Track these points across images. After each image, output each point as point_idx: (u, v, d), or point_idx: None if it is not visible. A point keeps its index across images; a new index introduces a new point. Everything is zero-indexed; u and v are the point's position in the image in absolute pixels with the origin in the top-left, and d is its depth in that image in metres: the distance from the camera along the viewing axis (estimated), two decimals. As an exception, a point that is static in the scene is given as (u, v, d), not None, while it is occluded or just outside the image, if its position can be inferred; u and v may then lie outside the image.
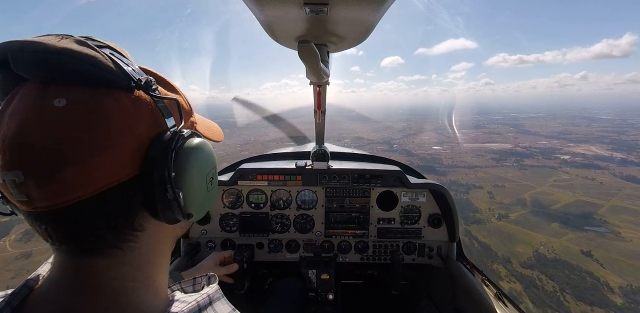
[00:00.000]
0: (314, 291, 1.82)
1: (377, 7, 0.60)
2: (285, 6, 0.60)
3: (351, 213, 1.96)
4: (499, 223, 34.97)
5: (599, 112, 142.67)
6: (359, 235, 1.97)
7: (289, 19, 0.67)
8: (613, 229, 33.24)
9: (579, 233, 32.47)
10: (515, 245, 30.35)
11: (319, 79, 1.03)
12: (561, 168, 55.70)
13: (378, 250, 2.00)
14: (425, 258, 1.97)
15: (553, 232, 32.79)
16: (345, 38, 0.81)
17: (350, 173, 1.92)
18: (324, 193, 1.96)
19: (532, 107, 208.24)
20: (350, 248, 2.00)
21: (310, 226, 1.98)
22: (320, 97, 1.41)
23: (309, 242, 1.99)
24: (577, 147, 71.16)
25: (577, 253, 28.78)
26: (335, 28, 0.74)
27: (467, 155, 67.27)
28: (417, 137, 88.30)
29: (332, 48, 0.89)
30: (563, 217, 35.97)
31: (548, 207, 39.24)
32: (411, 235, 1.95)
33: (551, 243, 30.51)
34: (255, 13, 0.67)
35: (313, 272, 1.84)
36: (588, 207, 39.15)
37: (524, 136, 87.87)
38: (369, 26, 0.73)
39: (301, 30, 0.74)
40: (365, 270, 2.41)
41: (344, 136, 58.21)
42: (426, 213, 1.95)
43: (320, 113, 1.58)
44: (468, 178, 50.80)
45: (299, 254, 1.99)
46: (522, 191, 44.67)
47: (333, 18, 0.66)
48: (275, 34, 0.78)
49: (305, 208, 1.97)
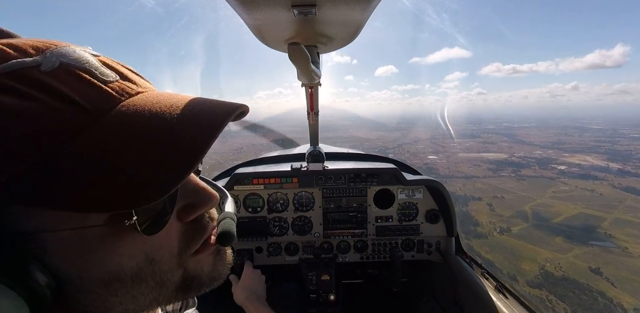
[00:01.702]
0: (315, 293, 1.82)
1: (365, 6, 0.60)
2: (273, 9, 0.60)
3: (349, 213, 1.96)
4: (501, 237, 33.45)
5: (590, 122, 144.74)
6: (357, 235, 1.96)
7: (277, 22, 0.67)
8: (619, 244, 31.97)
9: (584, 249, 31.07)
10: (520, 262, 28.73)
11: (310, 80, 1.03)
12: (559, 178, 54.98)
13: (377, 249, 2.00)
14: (424, 254, 1.98)
15: (558, 247, 31.33)
16: (335, 38, 0.82)
17: (346, 173, 1.91)
18: (321, 194, 1.95)
19: (523, 116, 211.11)
20: (350, 248, 2.00)
21: (308, 228, 1.97)
22: (313, 99, 1.40)
23: (307, 243, 2.00)
24: (573, 157, 71.04)
25: (585, 270, 27.28)
26: (324, 29, 0.74)
27: (464, 165, 66.50)
28: (412, 146, 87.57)
29: (322, 49, 0.89)
30: (566, 231, 34.63)
31: (550, 220, 37.93)
32: (409, 232, 1.95)
33: (557, 259, 28.99)
34: (243, 17, 0.66)
35: (313, 273, 1.84)
36: (591, 219, 37.95)
37: (518, 146, 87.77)
38: (357, 26, 0.73)
39: (290, 32, 0.75)
40: (365, 269, 2.32)
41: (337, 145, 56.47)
42: (423, 209, 1.95)
43: (313, 114, 1.59)
44: (466, 189, 49.58)
45: (299, 256, 1.99)
46: (522, 203, 43.46)
47: (321, 19, 0.65)
48: (265, 37, 0.78)
49: (303, 210, 1.96)
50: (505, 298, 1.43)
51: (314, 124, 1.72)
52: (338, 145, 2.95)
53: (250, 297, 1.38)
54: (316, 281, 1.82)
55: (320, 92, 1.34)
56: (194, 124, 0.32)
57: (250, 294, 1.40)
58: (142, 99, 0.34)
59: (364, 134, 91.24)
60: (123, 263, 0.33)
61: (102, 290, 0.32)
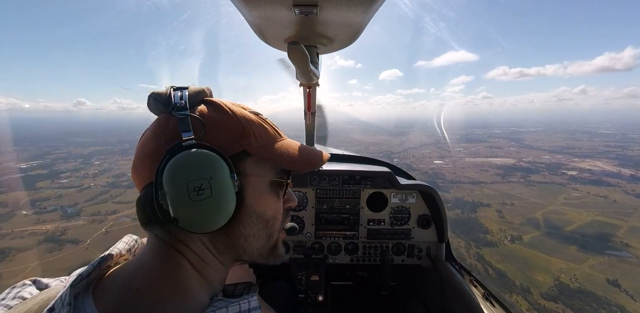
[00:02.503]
0: (303, 293, 1.82)
1: (366, 8, 0.61)
2: (274, 7, 0.60)
3: (341, 214, 1.96)
4: (513, 246, 32.20)
5: (599, 126, 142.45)
6: (349, 237, 1.96)
7: (278, 20, 0.68)
8: (637, 254, 30.57)
9: (600, 259, 29.71)
10: (533, 272, 27.44)
11: (308, 80, 1.04)
12: (570, 184, 53.44)
13: (368, 252, 1.99)
14: (414, 259, 1.98)
15: (572, 256, 30.01)
16: (335, 39, 0.82)
17: (341, 174, 1.91)
18: (314, 194, 1.95)
19: (530, 121, 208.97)
20: (340, 249, 2.00)
21: (300, 227, 1.94)
22: (310, 99, 1.40)
23: (299, 243, 1.98)
24: (583, 162, 69.37)
25: (602, 282, 25.95)
26: (324, 29, 0.74)
27: (470, 170, 65.21)
28: (418, 151, 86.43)
29: (322, 49, 0.90)
30: (580, 240, 33.26)
31: (562, 228, 36.54)
32: (401, 236, 1.95)
33: (572, 270, 27.68)
34: (244, 14, 0.67)
35: (303, 273, 1.84)
36: (605, 228, 36.53)
37: (526, 150, 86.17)
38: (358, 28, 0.74)
39: (291, 31, 0.75)
40: (355, 272, 2.34)
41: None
42: (415, 214, 1.95)
43: (310, 114, 1.58)
44: (474, 195, 48.32)
45: (289, 256, 1.98)
46: (533, 210, 42.10)
47: (322, 19, 0.66)
48: (265, 36, 0.79)
49: (296, 210, 1.95)
50: (493, 306, 1.42)
51: (310, 124, 1.70)
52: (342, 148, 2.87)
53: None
54: (305, 281, 1.83)
55: (319, 93, 1.34)
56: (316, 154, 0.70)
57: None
58: (287, 140, 0.67)
59: (367, 138, 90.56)
60: (268, 210, 0.62)
61: (254, 220, 0.60)
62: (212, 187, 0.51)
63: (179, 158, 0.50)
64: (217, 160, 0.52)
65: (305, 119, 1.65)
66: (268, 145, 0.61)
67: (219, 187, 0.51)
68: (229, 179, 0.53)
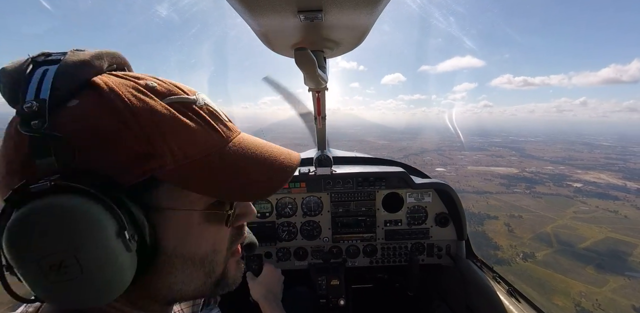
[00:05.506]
0: (324, 297, 1.83)
1: (371, 9, 0.60)
2: (279, 15, 0.60)
3: (357, 217, 1.94)
4: (526, 264, 30.06)
5: (597, 138, 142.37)
6: (366, 239, 1.95)
7: (284, 28, 0.68)
8: (659, 276, 28.53)
9: (621, 281, 27.63)
10: (552, 296, 25.25)
11: (317, 85, 1.04)
12: (577, 197, 51.79)
13: (387, 253, 1.98)
14: (434, 258, 1.97)
15: (591, 278, 27.89)
16: (341, 43, 0.82)
17: (354, 177, 1.91)
18: (329, 198, 1.94)
19: (529, 130, 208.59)
20: (359, 252, 1.98)
21: (317, 232, 1.94)
22: (320, 103, 1.41)
23: (316, 248, 1.97)
24: (586, 174, 68.11)
25: (628, 309, 23.84)
26: (330, 34, 0.74)
27: (474, 178, 63.43)
28: (419, 157, 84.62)
29: (329, 53, 0.89)
30: (597, 259, 31.25)
31: (576, 245, 34.56)
32: (419, 235, 1.94)
33: (593, 294, 25.56)
34: (250, 23, 0.67)
35: (322, 278, 1.85)
36: (621, 245, 34.64)
37: (528, 160, 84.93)
38: (364, 30, 0.73)
39: (297, 37, 0.75)
40: (374, 274, 2.31)
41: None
42: (433, 212, 1.93)
43: (320, 119, 1.59)
44: (480, 207, 46.31)
45: (308, 261, 1.96)
46: (543, 224, 40.17)
47: (328, 24, 0.66)
48: (271, 43, 0.79)
49: (311, 215, 1.94)
50: (518, 302, 1.41)
51: (321, 128, 1.73)
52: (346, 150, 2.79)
53: (268, 296, 1.39)
54: (326, 286, 1.83)
55: (328, 97, 1.37)
56: (286, 156, 0.49)
57: (268, 293, 1.41)
58: (244, 136, 0.49)
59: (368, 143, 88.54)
60: (201, 247, 0.44)
61: (180, 265, 0.42)
62: (80, 262, 0.32)
63: (23, 218, 0.31)
64: (91, 215, 0.33)
65: (315, 123, 1.63)
66: (197, 162, 0.40)
67: (95, 258, 0.33)
68: (114, 242, 0.34)
